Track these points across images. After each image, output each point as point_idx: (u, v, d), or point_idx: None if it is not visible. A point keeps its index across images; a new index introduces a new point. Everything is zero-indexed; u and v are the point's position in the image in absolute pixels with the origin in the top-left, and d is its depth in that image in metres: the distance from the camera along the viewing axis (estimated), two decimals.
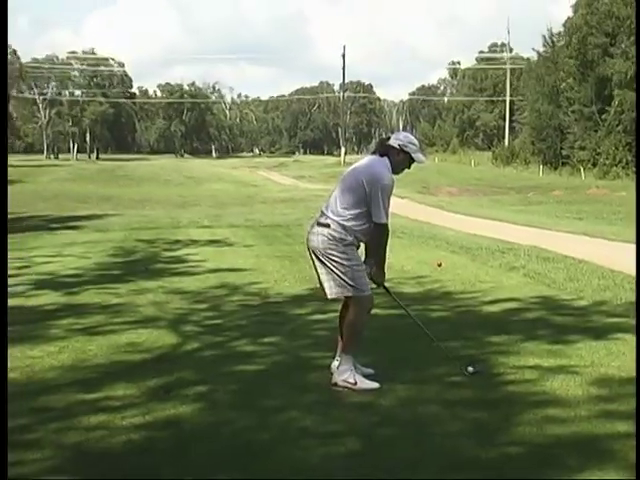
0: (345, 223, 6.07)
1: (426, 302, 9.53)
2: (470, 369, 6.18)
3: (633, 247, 15.93)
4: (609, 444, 4.69)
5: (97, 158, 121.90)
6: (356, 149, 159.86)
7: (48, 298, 10.55)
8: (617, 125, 56.23)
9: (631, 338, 7.47)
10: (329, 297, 6.18)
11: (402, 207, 28.36)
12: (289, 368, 6.58)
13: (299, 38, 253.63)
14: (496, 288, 10.60)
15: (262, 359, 6.98)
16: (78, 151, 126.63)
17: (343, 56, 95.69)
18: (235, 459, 4.57)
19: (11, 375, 6.49)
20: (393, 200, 6.34)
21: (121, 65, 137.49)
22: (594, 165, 58.85)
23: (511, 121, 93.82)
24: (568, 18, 67.31)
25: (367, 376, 6.08)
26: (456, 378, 6.14)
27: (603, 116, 58.37)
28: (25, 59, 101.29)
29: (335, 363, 6.20)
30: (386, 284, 6.55)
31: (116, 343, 7.62)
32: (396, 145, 6.20)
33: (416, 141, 6.35)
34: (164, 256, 15.78)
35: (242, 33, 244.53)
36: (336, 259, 6.01)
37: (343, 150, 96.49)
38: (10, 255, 16.09)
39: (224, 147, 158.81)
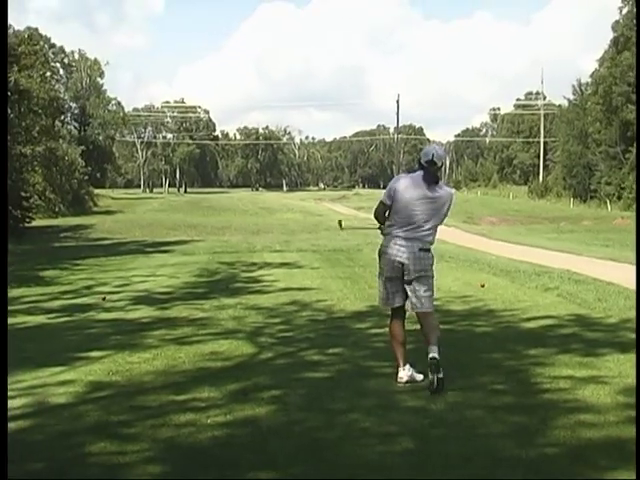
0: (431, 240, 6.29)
1: (471, 318, 9.43)
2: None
3: None
4: (635, 447, 4.59)
5: (185, 191, 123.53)
6: None
7: (144, 312, 10.69)
8: None
9: None
10: (429, 310, 6.31)
11: (449, 234, 28.16)
12: (351, 375, 6.55)
13: (359, 87, 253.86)
14: (533, 307, 10.44)
15: (328, 367, 6.96)
16: (169, 185, 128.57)
17: (397, 102, 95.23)
18: (305, 454, 4.55)
19: (113, 378, 6.61)
20: (441, 227, 6.42)
21: (206, 112, 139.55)
22: (619, 198, 57.91)
23: (545, 159, 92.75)
24: (595, 70, 66.72)
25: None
26: (499, 386, 6.07)
27: (627, 155, 57.48)
28: (127, 109, 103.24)
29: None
30: (436, 302, 6.58)
31: (201, 352, 7.67)
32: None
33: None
34: (242, 276, 15.88)
35: (310, 83, 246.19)
36: (432, 277, 6.26)
37: None
38: (113, 275, 16.43)
39: (293, 182, 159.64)
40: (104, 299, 12.08)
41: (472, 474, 4.19)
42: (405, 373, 6.26)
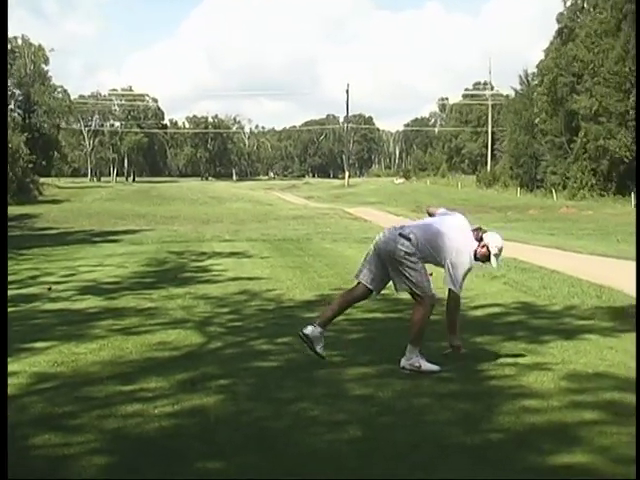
0: (421, 244, 6.31)
1: None
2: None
3: (597, 259, 15.93)
4: (577, 431, 4.69)
5: (133, 180, 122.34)
6: (358, 173, 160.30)
7: (91, 302, 10.55)
8: (583, 153, 56.25)
9: (596, 338, 7.49)
10: (398, 291, 6.54)
11: (398, 224, 28.19)
12: (300, 365, 6.55)
13: (310, 76, 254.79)
14: (480, 295, 10.55)
15: (277, 356, 6.96)
16: (117, 174, 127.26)
17: (347, 92, 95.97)
18: (253, 444, 4.55)
19: (58, 369, 6.51)
20: (391, 217, 6.51)
21: (155, 100, 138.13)
22: (564, 188, 58.85)
23: (492, 149, 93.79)
24: (541, 61, 67.58)
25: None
26: (445, 374, 6.14)
27: (571, 145, 58.45)
28: (74, 96, 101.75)
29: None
30: (385, 291, 6.66)
31: (149, 342, 7.60)
32: (487, 242, 6.40)
33: (500, 248, 6.46)
34: (191, 266, 15.75)
35: (260, 73, 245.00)
36: (408, 264, 6.26)
37: (347, 174, 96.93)
38: (59, 265, 16.18)
39: (243, 171, 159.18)
40: (50, 289, 11.89)
41: (419, 461, 4.24)
42: (310, 329, 6.39)
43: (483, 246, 6.39)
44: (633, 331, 7.65)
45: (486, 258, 6.45)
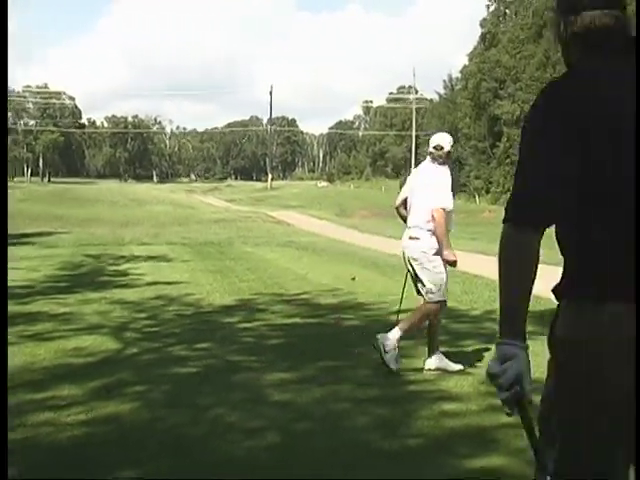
0: (426, 225, 6.51)
1: (340, 311, 9.56)
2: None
3: None
4: (494, 434, 4.80)
5: (49, 181, 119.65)
6: (281, 176, 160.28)
7: None
8: (506, 158, 57.52)
9: None
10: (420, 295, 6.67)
11: (321, 227, 28.43)
12: (218, 370, 6.54)
13: (232, 78, 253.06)
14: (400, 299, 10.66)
15: (194, 362, 6.92)
16: (32, 175, 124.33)
17: (270, 94, 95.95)
18: (169, 451, 4.53)
19: None
20: (314, 220, 6.54)
21: (72, 98, 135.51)
22: (487, 192, 60.09)
23: (417, 153, 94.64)
24: (464, 66, 68.89)
25: None
26: (365, 379, 6.21)
27: (494, 150, 59.76)
28: None
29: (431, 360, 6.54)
30: (306, 296, 6.70)
31: (63, 348, 7.46)
32: (447, 148, 6.68)
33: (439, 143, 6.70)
34: (108, 270, 15.51)
35: (182, 74, 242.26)
36: (425, 264, 6.53)
37: (270, 177, 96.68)
38: None
39: (164, 173, 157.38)
40: None
41: (337, 467, 4.27)
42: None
43: (447, 154, 6.66)
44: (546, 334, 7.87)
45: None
